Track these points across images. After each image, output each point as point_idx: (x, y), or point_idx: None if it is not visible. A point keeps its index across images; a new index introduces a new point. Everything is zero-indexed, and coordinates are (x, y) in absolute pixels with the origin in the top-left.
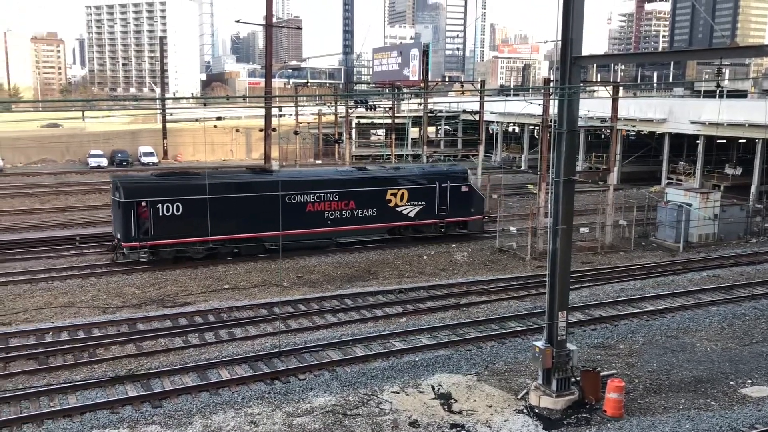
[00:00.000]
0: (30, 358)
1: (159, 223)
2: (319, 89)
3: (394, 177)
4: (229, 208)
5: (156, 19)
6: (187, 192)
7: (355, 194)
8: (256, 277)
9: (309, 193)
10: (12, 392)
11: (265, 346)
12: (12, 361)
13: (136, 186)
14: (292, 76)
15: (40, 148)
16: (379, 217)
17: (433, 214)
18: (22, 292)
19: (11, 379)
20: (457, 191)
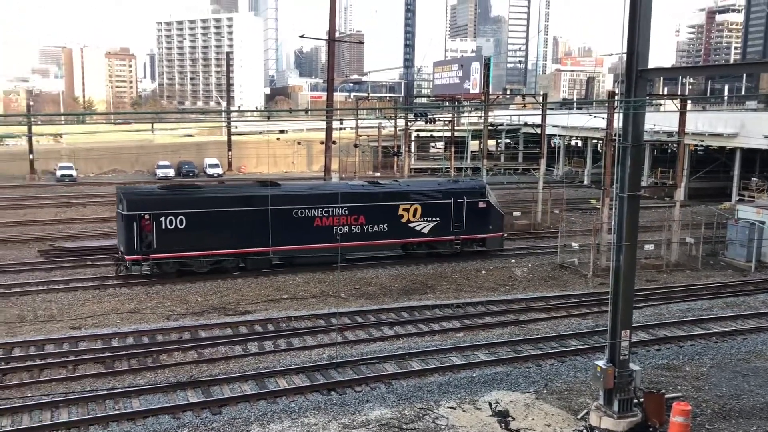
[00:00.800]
0: (97, 361)
1: (162, 236)
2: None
3: (406, 192)
4: (233, 222)
5: (223, 34)
6: (190, 205)
7: (365, 209)
8: (315, 288)
9: (316, 208)
10: (80, 394)
11: (322, 357)
12: (80, 364)
13: (139, 198)
14: (353, 90)
15: (112, 158)
16: (390, 233)
17: (449, 231)
18: (92, 297)
19: (79, 381)
20: (474, 207)
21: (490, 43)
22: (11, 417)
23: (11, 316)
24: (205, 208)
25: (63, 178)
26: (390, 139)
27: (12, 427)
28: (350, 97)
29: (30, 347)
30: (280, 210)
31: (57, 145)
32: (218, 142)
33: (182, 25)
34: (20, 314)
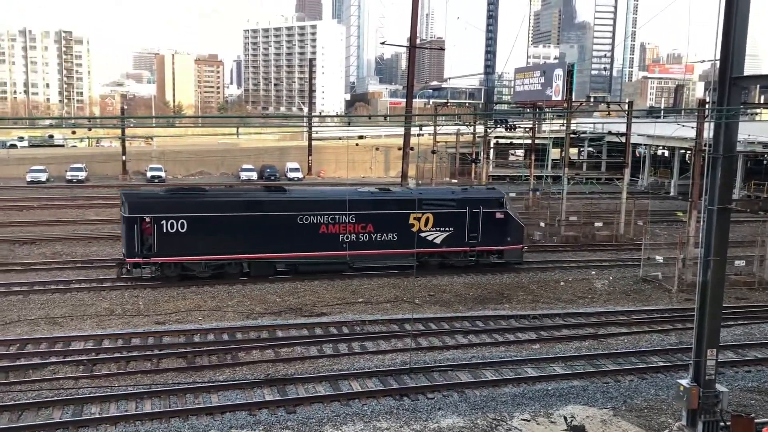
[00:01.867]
0: (179, 356)
1: (163, 239)
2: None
3: (417, 200)
4: (236, 227)
5: (306, 41)
6: (192, 209)
7: (374, 217)
8: (389, 293)
9: (322, 215)
10: (162, 387)
11: (395, 362)
12: (164, 358)
13: (141, 201)
14: (433, 96)
15: (199, 161)
16: (399, 242)
17: (463, 242)
18: (176, 294)
19: (162, 375)
20: (491, 218)
21: (574, 49)
22: (100, 405)
23: (102, 310)
24: (207, 213)
25: (153, 179)
26: (468, 146)
27: (100, 415)
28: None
29: (118, 340)
30: (285, 216)
31: (148, 148)
32: (299, 147)
33: (268, 33)
34: (110, 308)
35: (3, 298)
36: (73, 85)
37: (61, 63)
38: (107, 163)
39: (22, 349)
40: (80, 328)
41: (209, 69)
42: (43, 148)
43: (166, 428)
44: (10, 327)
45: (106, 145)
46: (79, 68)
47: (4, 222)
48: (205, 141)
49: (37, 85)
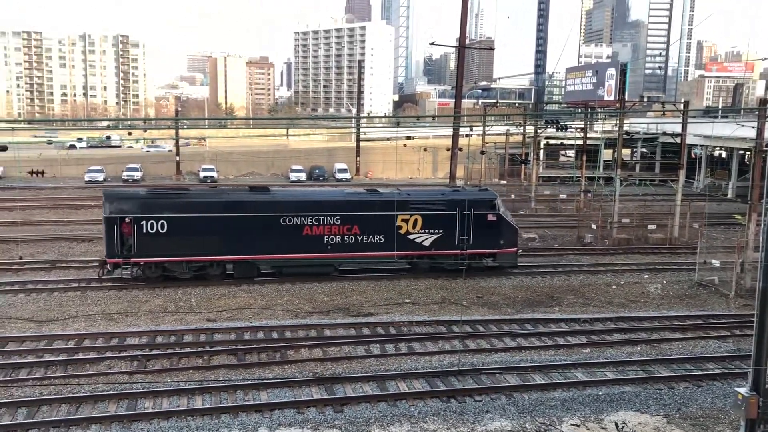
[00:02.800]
0: (230, 353)
1: (143, 240)
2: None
3: (405, 201)
4: (217, 228)
5: (356, 43)
6: (172, 210)
7: (359, 218)
8: (436, 294)
9: (306, 216)
10: (213, 383)
11: (442, 364)
12: (215, 355)
13: (121, 201)
14: (482, 96)
15: (249, 161)
16: (387, 244)
17: (453, 245)
18: (227, 292)
19: (213, 371)
20: (483, 220)
21: (627, 48)
22: (153, 400)
23: (155, 307)
24: (187, 213)
25: (205, 179)
26: (518, 147)
27: (153, 409)
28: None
29: (171, 336)
30: (267, 217)
31: (200, 149)
32: (347, 148)
33: (318, 35)
34: (163, 305)
35: (62, 294)
36: (129, 87)
37: (118, 66)
38: (162, 164)
39: (80, 343)
40: (135, 324)
41: (260, 71)
42: (101, 149)
43: (216, 424)
44: (69, 322)
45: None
46: (135, 71)
47: (64, 220)
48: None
49: (96, 88)
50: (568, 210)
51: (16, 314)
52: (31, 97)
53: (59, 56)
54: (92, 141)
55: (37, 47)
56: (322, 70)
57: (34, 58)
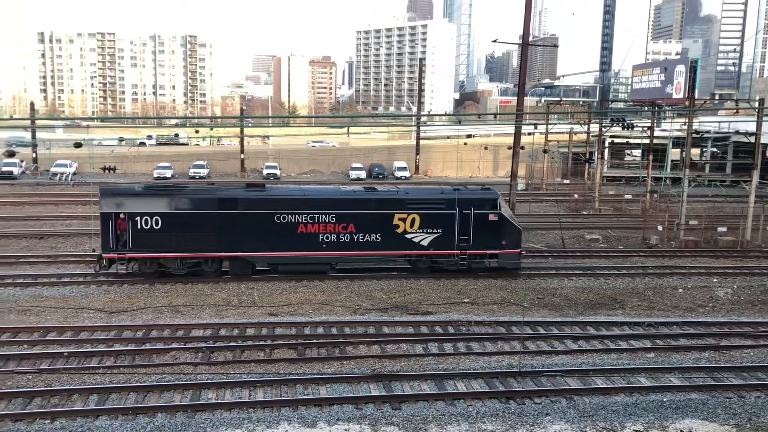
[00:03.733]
0: (290, 347)
1: (137, 236)
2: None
3: (402, 200)
4: (211, 225)
5: (417, 41)
6: (166, 206)
7: (355, 216)
8: (496, 294)
9: (300, 213)
10: (274, 376)
11: (501, 364)
12: (276, 348)
13: (116, 197)
14: (545, 94)
15: (311, 159)
16: (383, 243)
17: (452, 245)
18: (288, 287)
19: (274, 365)
20: (483, 220)
21: (698, 44)
22: (216, 391)
23: (219, 300)
24: (181, 210)
25: (268, 176)
26: (582, 145)
27: (216, 400)
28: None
29: (234, 329)
30: (261, 214)
31: (264, 146)
32: (407, 147)
33: (380, 34)
34: (227, 298)
35: (131, 286)
36: (196, 86)
37: (186, 66)
38: (227, 161)
39: (147, 334)
40: (199, 316)
41: (322, 70)
42: (169, 146)
43: (277, 417)
44: (137, 313)
45: (226, 144)
46: (202, 71)
47: None
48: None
49: (165, 87)
50: (633, 211)
51: (88, 304)
52: (104, 96)
53: (131, 56)
54: (161, 138)
55: (110, 48)
56: (383, 68)
57: (107, 58)
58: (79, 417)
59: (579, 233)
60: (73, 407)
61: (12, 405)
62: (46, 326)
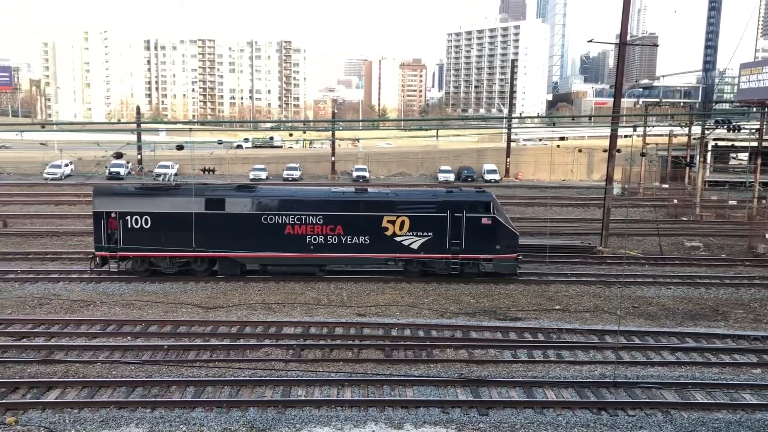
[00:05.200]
0: (378, 348)
1: (128, 234)
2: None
3: (391, 202)
4: (199, 225)
5: (509, 42)
6: (156, 206)
7: (343, 219)
8: (588, 302)
9: (287, 215)
10: (362, 376)
11: (593, 374)
12: (364, 349)
13: (107, 196)
14: (643, 95)
15: (399, 162)
16: (372, 246)
17: (444, 249)
18: (376, 288)
19: (362, 365)
20: (476, 223)
21: None
22: (306, 388)
23: (310, 299)
24: (170, 210)
25: (358, 178)
26: (682, 148)
27: (306, 397)
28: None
29: (323, 328)
30: (248, 215)
31: (354, 149)
32: (497, 149)
33: (471, 36)
34: (317, 297)
35: (226, 284)
36: (290, 91)
37: (281, 71)
38: (318, 164)
39: (241, 330)
40: (291, 314)
41: (412, 73)
42: (264, 149)
43: (364, 416)
44: (232, 310)
45: (317, 147)
46: (296, 75)
47: None
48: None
49: (260, 92)
50: (737, 218)
51: (187, 300)
52: (203, 101)
53: (229, 62)
54: (257, 141)
55: (210, 54)
56: (473, 70)
57: (207, 64)
58: (177, 408)
59: (678, 240)
60: (172, 398)
61: (116, 393)
62: (148, 320)
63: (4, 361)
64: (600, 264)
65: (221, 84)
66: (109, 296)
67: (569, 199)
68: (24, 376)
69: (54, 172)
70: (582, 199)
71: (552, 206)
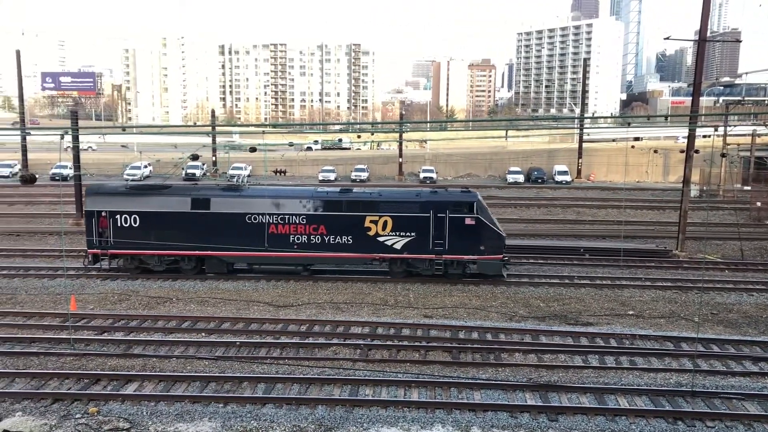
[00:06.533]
0: (445, 350)
1: (117, 233)
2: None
3: (373, 202)
4: (185, 224)
5: (581, 41)
6: (144, 205)
7: (326, 218)
8: (664, 307)
9: (270, 214)
10: (429, 378)
11: (669, 382)
12: (431, 350)
13: (98, 196)
14: (723, 94)
15: (467, 163)
16: (354, 246)
17: (427, 249)
18: (443, 290)
19: (429, 366)
20: (460, 224)
21: None
22: (373, 388)
23: (377, 299)
24: (157, 209)
25: (425, 179)
26: (766, 149)
27: (372, 397)
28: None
29: (390, 328)
30: (233, 214)
31: (422, 150)
32: (569, 150)
33: (541, 35)
34: (384, 298)
35: (296, 283)
36: (359, 93)
37: (350, 73)
38: (386, 165)
39: (310, 328)
40: (358, 314)
41: (481, 74)
42: (333, 151)
43: (431, 418)
44: (302, 308)
45: (385, 148)
46: (365, 78)
47: None
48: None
49: (330, 94)
50: None
51: (258, 298)
52: (275, 104)
53: (300, 65)
54: (326, 143)
55: (282, 58)
56: (544, 70)
57: (278, 68)
58: (248, 403)
59: (761, 245)
60: (243, 394)
61: (191, 387)
62: (221, 317)
63: (87, 354)
64: (676, 268)
65: (292, 87)
66: (184, 293)
67: (644, 201)
68: (105, 369)
69: (134, 173)
70: (657, 201)
71: (626, 209)
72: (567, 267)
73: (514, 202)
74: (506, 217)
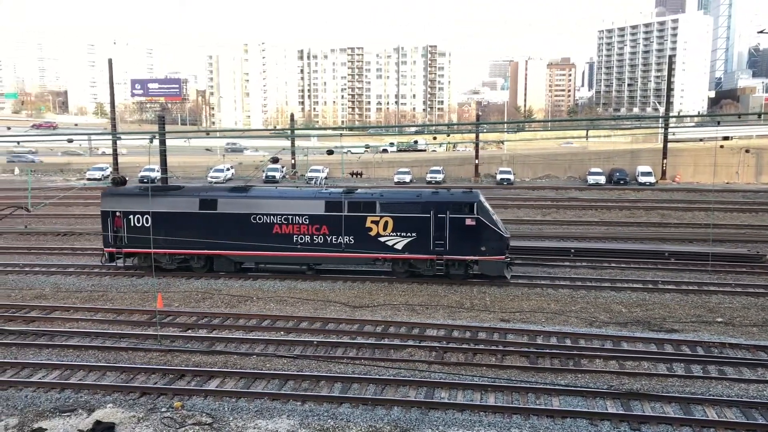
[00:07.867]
0: (522, 355)
1: (131, 232)
2: None
3: (374, 203)
4: (194, 224)
5: (666, 37)
6: (155, 205)
7: (328, 219)
8: (756, 315)
9: (275, 215)
10: (505, 382)
11: (762, 394)
12: (507, 354)
13: (113, 196)
14: None
15: (546, 164)
16: (356, 246)
17: (428, 249)
18: (521, 294)
19: (505, 371)
20: (460, 224)
21: None
22: (448, 391)
23: (452, 302)
24: (167, 209)
25: (502, 181)
26: None
27: (449, 400)
28: None
29: (466, 331)
30: (239, 215)
31: (498, 152)
32: (653, 150)
33: (623, 32)
34: (459, 300)
35: (372, 284)
36: (435, 95)
37: (426, 75)
38: (462, 166)
39: (385, 329)
40: (433, 316)
41: (560, 73)
42: (408, 153)
43: (508, 423)
44: (377, 309)
45: (460, 150)
46: (441, 79)
47: None
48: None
49: (406, 96)
50: None
51: (335, 298)
52: (352, 107)
53: (376, 68)
54: (401, 145)
55: (359, 61)
56: (626, 68)
57: (355, 71)
58: (325, 402)
59: None
60: (321, 393)
61: (270, 385)
62: (299, 316)
63: (173, 350)
64: None
65: (368, 90)
66: (264, 292)
67: (734, 203)
68: (189, 365)
69: (217, 176)
70: (749, 203)
71: (714, 211)
72: (650, 272)
73: (595, 204)
74: (585, 219)
